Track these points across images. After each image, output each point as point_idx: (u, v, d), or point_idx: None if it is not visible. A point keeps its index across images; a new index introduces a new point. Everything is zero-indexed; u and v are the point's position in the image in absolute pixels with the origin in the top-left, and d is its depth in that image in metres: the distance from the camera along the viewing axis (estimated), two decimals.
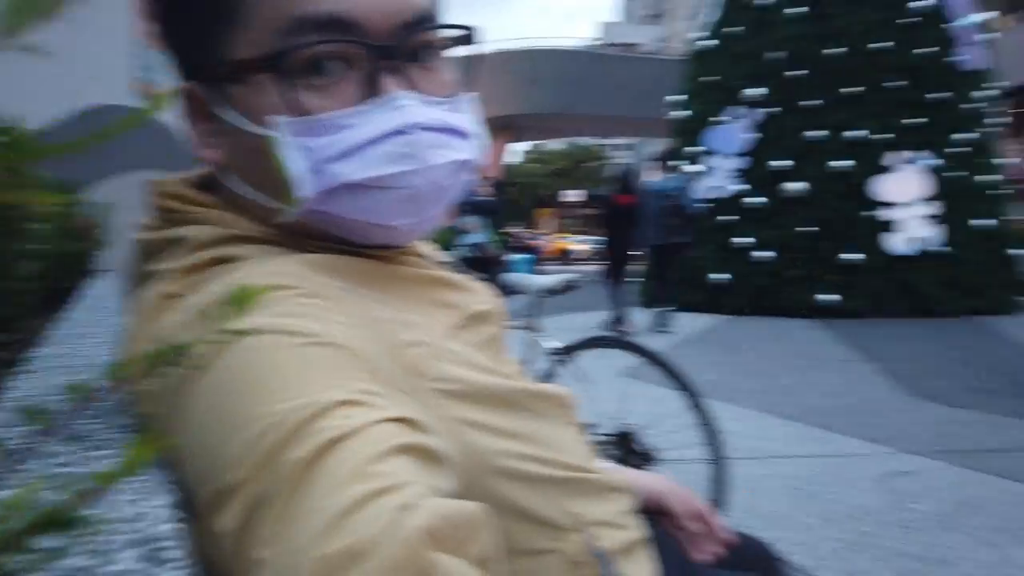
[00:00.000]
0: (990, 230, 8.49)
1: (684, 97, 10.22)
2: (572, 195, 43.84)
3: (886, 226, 8.21)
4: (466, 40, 0.66)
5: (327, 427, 0.42)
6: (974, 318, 7.90)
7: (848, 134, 8.35)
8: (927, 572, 2.11)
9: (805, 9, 8.72)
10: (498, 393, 0.62)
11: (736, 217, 8.84)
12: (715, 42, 9.66)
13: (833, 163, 8.33)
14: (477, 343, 0.66)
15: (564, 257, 28.95)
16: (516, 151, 44.81)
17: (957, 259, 8.16)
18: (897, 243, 8.14)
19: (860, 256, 8.11)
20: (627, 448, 2.32)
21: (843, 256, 8.16)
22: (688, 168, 9.34)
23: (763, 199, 8.65)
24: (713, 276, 8.78)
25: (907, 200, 8.23)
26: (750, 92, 8.96)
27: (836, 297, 8.07)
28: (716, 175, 9.16)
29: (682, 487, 0.91)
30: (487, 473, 0.58)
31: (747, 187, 8.83)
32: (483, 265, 9.49)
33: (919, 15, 8.53)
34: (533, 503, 0.61)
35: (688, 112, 9.93)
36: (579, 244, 31.11)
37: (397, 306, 0.60)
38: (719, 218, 8.86)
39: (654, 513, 0.89)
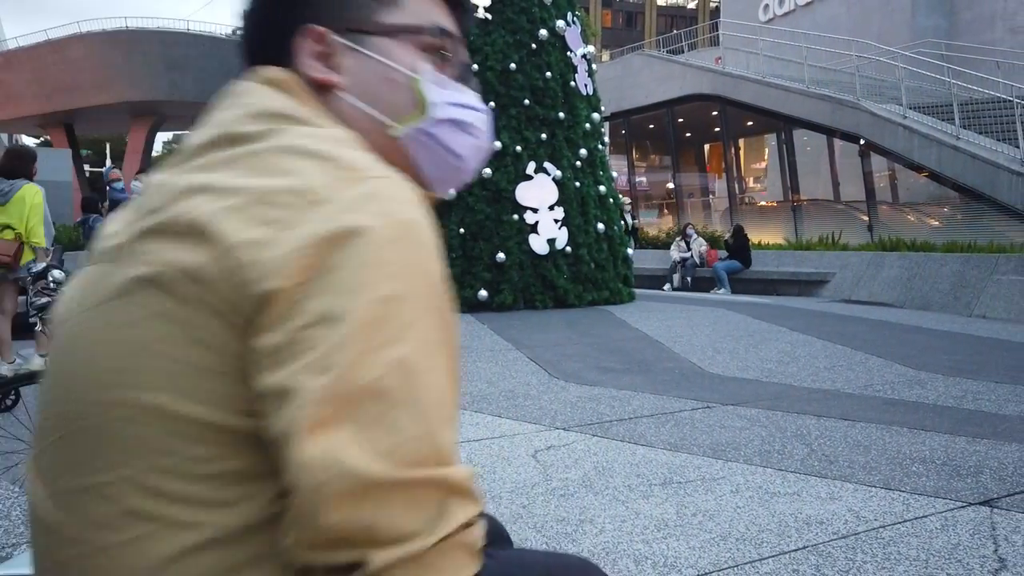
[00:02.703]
0: (607, 233, 10.01)
1: None
2: None
3: (528, 228, 9.18)
4: None
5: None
6: (598, 307, 9.25)
7: (494, 144, 9.16)
8: (575, 532, 2.41)
9: None
10: None
11: None
12: None
13: (482, 170, 9.04)
14: None
15: None
16: (158, 142, 40.52)
17: (582, 257, 9.47)
18: (537, 243, 9.16)
19: (507, 256, 8.95)
20: None
21: (494, 256, 8.92)
22: None
23: None
24: None
25: (542, 205, 9.31)
26: None
27: (486, 293, 8.80)
28: None
29: None
30: None
31: None
32: None
33: (543, 42, 9.69)
34: None
35: None
36: None
37: None
38: None
39: None
